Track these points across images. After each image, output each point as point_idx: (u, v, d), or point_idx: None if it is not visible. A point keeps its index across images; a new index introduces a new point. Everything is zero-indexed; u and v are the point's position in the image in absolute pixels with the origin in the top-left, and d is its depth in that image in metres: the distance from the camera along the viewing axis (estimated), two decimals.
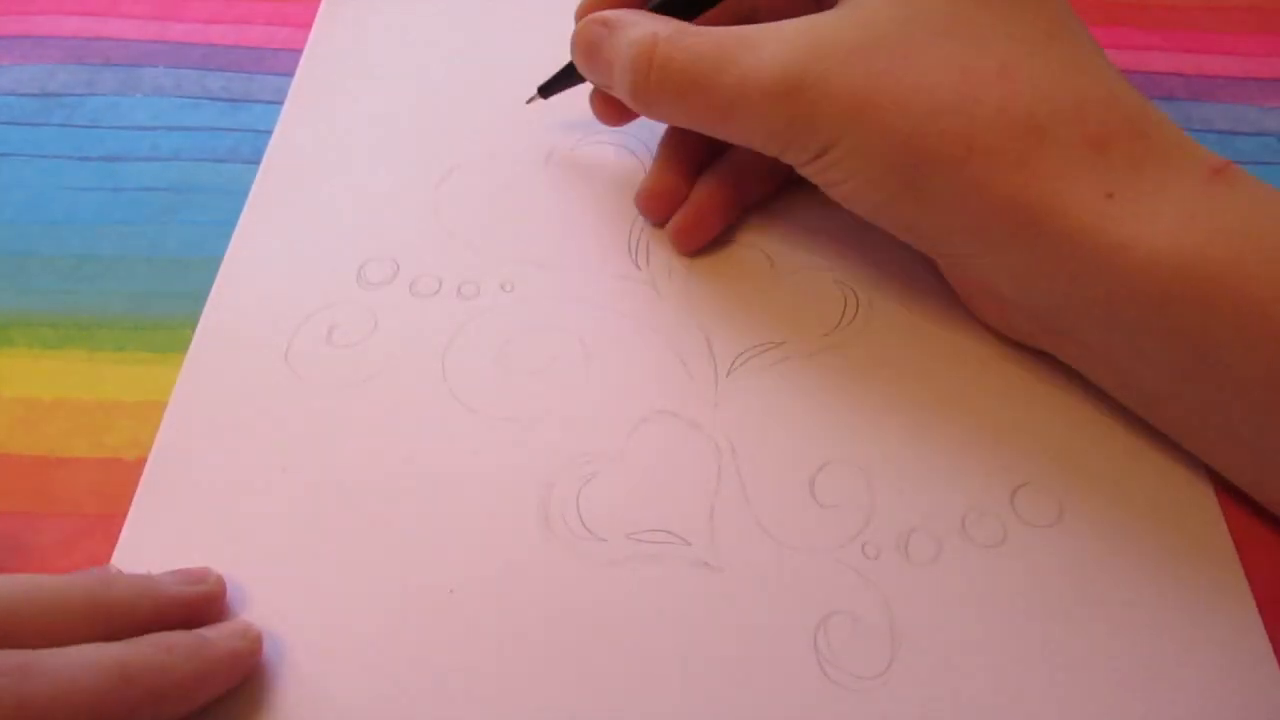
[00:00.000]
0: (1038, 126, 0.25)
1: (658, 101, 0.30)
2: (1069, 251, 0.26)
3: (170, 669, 0.22)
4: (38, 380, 0.30)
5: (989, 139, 0.26)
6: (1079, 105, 0.26)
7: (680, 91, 0.29)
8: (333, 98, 0.37)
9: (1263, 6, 0.42)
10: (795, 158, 0.28)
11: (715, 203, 0.33)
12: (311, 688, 0.25)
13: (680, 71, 0.28)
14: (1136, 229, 0.25)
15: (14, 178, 0.35)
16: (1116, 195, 0.25)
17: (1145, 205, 0.25)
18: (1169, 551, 0.27)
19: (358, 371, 0.30)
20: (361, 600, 0.26)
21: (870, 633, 0.26)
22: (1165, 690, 0.25)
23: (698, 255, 0.33)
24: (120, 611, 0.23)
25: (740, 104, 0.28)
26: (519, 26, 0.40)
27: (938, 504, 0.28)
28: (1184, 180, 0.25)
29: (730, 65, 0.27)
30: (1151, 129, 0.26)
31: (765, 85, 0.27)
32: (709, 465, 0.28)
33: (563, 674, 0.25)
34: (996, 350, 0.31)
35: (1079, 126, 0.26)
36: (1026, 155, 0.25)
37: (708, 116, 0.29)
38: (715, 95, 0.28)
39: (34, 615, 0.22)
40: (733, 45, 0.28)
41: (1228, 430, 0.26)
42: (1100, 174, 0.25)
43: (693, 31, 0.29)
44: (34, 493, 0.28)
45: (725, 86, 0.28)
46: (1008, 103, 0.26)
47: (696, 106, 0.29)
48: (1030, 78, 0.26)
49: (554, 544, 0.27)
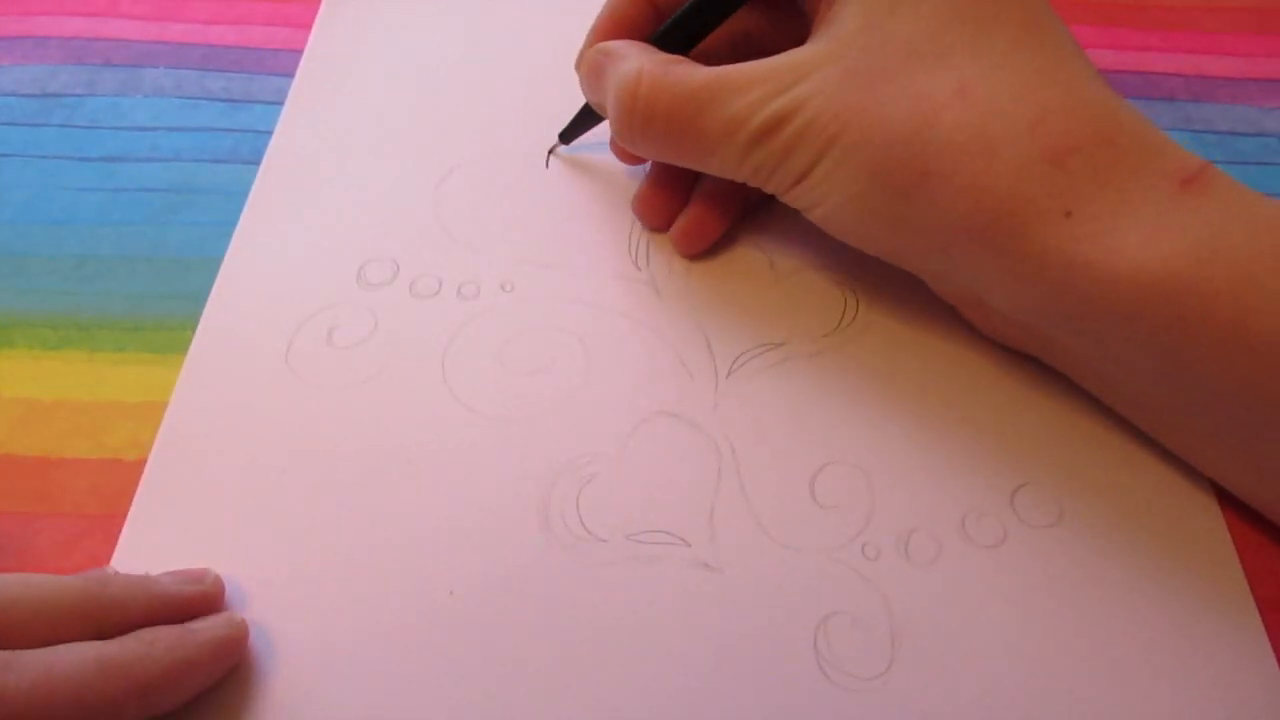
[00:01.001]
0: (989, 146, 0.25)
1: (643, 142, 0.30)
2: (1032, 269, 0.25)
3: (153, 660, 0.22)
4: (38, 381, 0.30)
5: (942, 163, 0.25)
6: (1038, 118, 0.25)
7: (665, 133, 0.29)
8: (333, 98, 0.37)
9: (1263, 6, 0.42)
10: (775, 187, 0.29)
11: (717, 206, 0.33)
12: (311, 688, 0.25)
13: (665, 115, 0.29)
14: (1097, 246, 0.25)
15: (14, 178, 0.35)
16: (1075, 213, 0.25)
17: (1105, 222, 0.25)
18: (1169, 552, 0.27)
19: (358, 372, 0.30)
20: (361, 601, 0.26)
21: (870, 633, 0.26)
22: (1165, 690, 0.25)
23: (698, 256, 0.33)
24: (113, 610, 0.23)
25: (725, 144, 0.28)
26: (519, 27, 0.40)
27: (938, 504, 0.28)
28: (1151, 192, 0.25)
29: (716, 108, 0.28)
30: (1120, 135, 0.26)
31: (752, 129, 0.28)
32: (709, 466, 0.28)
33: (562, 675, 0.25)
34: (996, 351, 0.31)
35: (1035, 141, 0.25)
36: (978, 176, 0.25)
37: (693, 156, 0.30)
38: (700, 138, 0.29)
39: (26, 615, 0.22)
40: (719, 88, 0.28)
41: (1217, 437, 0.26)
42: (1058, 190, 0.25)
43: (677, 71, 0.29)
44: (34, 493, 0.28)
45: (711, 129, 0.28)
46: (960, 123, 0.25)
47: (682, 148, 0.30)
48: (987, 95, 0.26)
49: (554, 545, 0.27)
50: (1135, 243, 0.24)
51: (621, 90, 0.29)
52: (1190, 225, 0.24)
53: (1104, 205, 0.25)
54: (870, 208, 0.27)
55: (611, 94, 0.30)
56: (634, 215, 0.34)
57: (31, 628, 0.22)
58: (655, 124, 0.29)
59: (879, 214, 0.27)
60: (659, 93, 0.29)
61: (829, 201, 0.28)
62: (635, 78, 0.29)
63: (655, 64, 0.29)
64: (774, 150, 0.28)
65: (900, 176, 0.26)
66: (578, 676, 0.25)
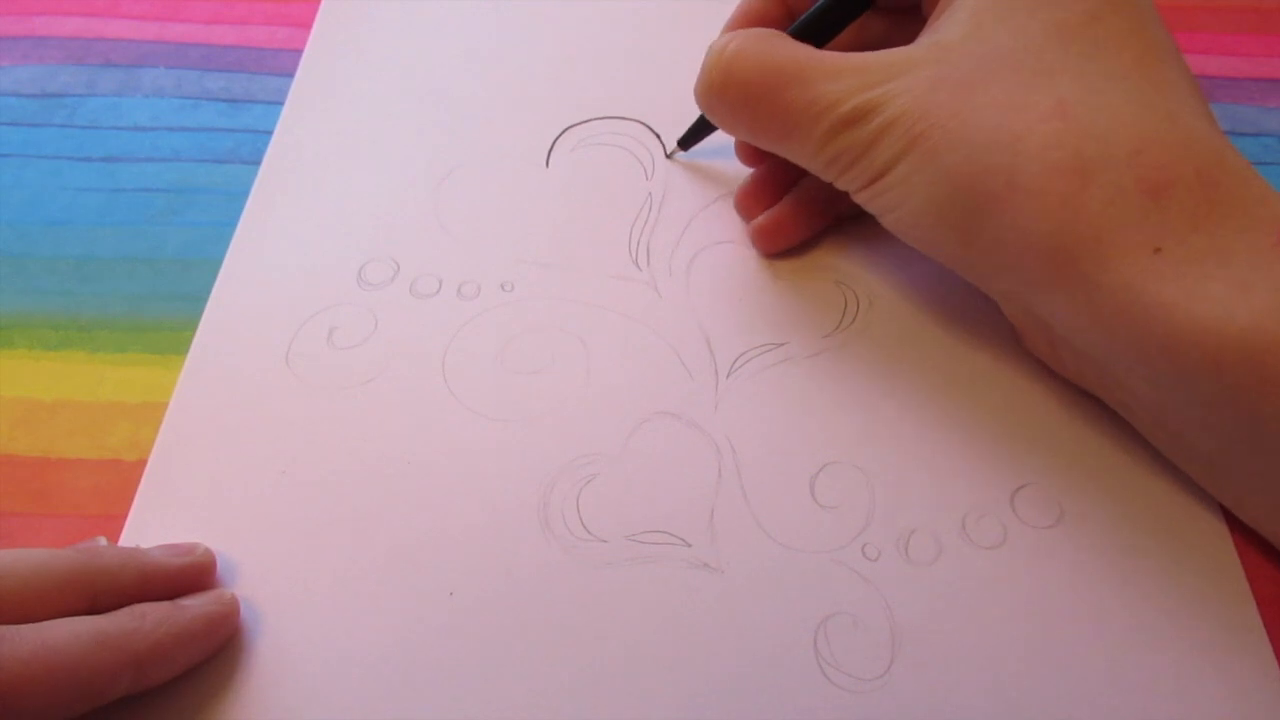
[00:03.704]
0: (1083, 167, 0.24)
1: (720, 107, 0.30)
2: (1110, 303, 0.24)
3: (144, 634, 0.23)
4: (38, 381, 0.30)
5: (1031, 178, 0.24)
6: (1139, 148, 0.24)
7: (742, 100, 0.29)
8: (333, 98, 0.37)
9: (1263, 7, 0.42)
10: (850, 184, 0.28)
11: (804, 209, 0.32)
12: (311, 689, 0.25)
13: (744, 82, 0.28)
14: (1182, 289, 0.23)
15: (14, 178, 0.35)
16: (1165, 251, 0.24)
17: (1195, 265, 0.23)
18: (1170, 552, 0.27)
19: (358, 372, 0.30)
20: (362, 601, 0.26)
21: (870, 634, 0.26)
22: (1165, 691, 0.25)
23: (698, 256, 0.33)
24: (104, 581, 0.24)
25: (806, 126, 0.28)
26: (519, 26, 0.40)
27: (938, 505, 0.28)
28: (1247, 241, 0.24)
29: (802, 87, 0.27)
30: (1223, 177, 0.24)
31: (836, 115, 0.27)
32: (709, 466, 0.28)
33: (562, 675, 0.25)
34: (997, 352, 0.31)
35: (1134, 170, 0.24)
36: (1070, 196, 0.24)
37: (769, 132, 0.29)
38: (781, 114, 0.28)
39: (16, 586, 0.23)
40: (810, 67, 0.28)
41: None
42: (1151, 225, 0.24)
43: (769, 41, 0.28)
44: (34, 493, 0.28)
45: (792, 107, 0.28)
46: (1055, 140, 0.24)
47: (759, 121, 0.29)
48: (1086, 117, 0.25)
49: (554, 545, 0.27)
50: (1223, 291, 0.23)
51: (709, 54, 0.29)
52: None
53: (1196, 247, 0.24)
54: (948, 214, 0.26)
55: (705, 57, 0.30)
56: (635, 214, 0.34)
57: (23, 599, 0.22)
58: (732, 89, 0.29)
59: (956, 222, 0.26)
60: (743, 58, 0.28)
61: (907, 205, 0.27)
62: (724, 41, 0.29)
63: (750, 33, 0.29)
64: (856, 141, 0.27)
65: (984, 185, 0.25)
66: (578, 677, 0.25)
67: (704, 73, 0.29)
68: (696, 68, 0.30)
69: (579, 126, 0.36)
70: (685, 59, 0.32)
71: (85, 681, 0.22)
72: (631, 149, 0.36)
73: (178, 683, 0.24)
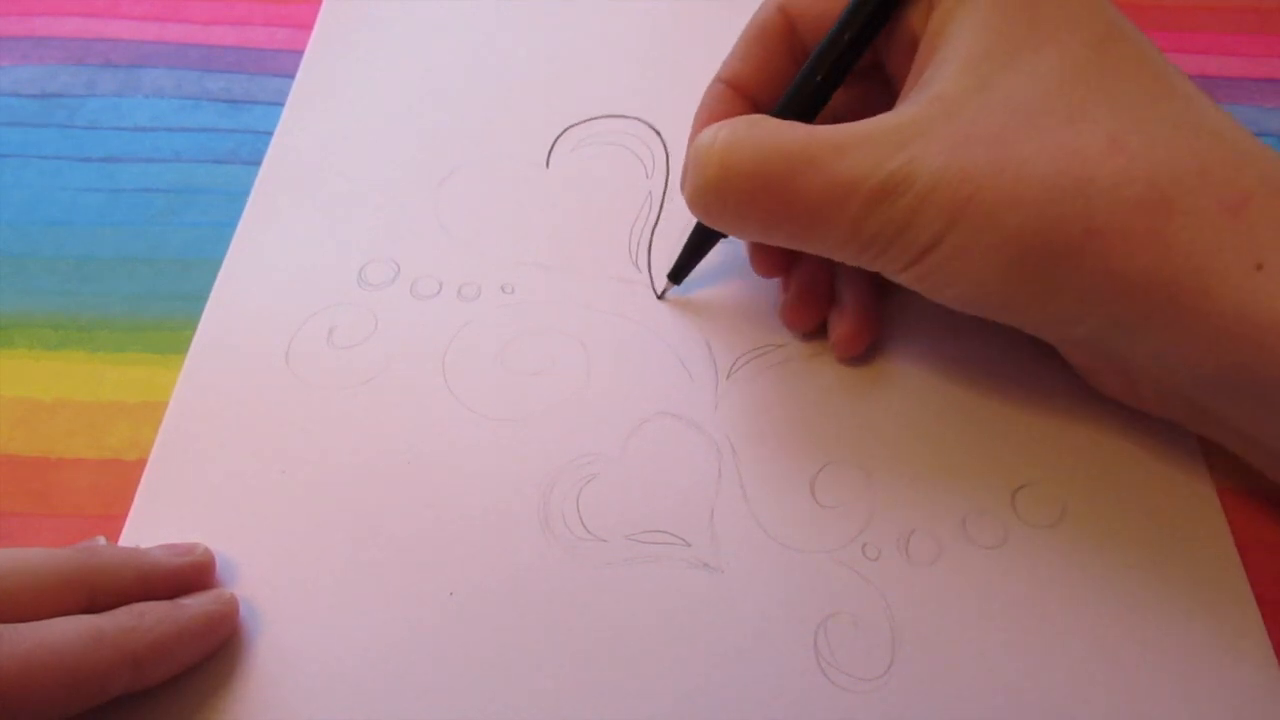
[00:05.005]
0: (1164, 197, 0.23)
1: (721, 209, 0.27)
2: (1215, 331, 0.23)
3: (143, 632, 0.23)
4: (38, 381, 0.30)
5: (1110, 219, 0.23)
6: (1202, 168, 0.23)
7: (750, 196, 0.26)
8: (333, 99, 0.37)
9: (1263, 7, 0.42)
10: (889, 264, 0.26)
11: (874, 304, 0.30)
12: (311, 688, 0.25)
13: (750, 174, 0.25)
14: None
15: (14, 178, 0.35)
16: (1267, 265, 0.23)
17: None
18: (1170, 552, 0.27)
19: (358, 372, 0.30)
20: (362, 601, 0.26)
21: (870, 634, 0.26)
22: (1166, 690, 0.25)
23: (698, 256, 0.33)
24: (103, 581, 0.24)
25: (832, 213, 0.25)
26: (520, 27, 0.40)
27: (938, 505, 0.28)
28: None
29: (814, 168, 0.25)
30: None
31: (865, 193, 0.24)
32: (709, 466, 0.28)
33: (562, 675, 0.25)
34: (997, 351, 0.31)
35: (1209, 192, 0.23)
36: (1158, 230, 0.23)
37: (788, 227, 0.26)
38: (799, 204, 0.25)
39: (15, 586, 0.23)
40: (814, 145, 0.25)
41: None
42: (1244, 242, 0.23)
43: (763, 125, 0.26)
44: (34, 493, 0.28)
45: (810, 194, 0.25)
46: (1124, 177, 0.23)
47: (774, 216, 0.26)
48: (1143, 147, 0.23)
49: (554, 545, 0.27)
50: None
51: (695, 150, 0.26)
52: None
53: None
54: (1019, 276, 0.24)
55: (687, 156, 0.27)
56: (635, 216, 0.34)
57: (22, 598, 0.23)
58: (733, 185, 0.26)
59: (1029, 282, 0.25)
60: (739, 148, 0.25)
61: (968, 276, 0.25)
62: (710, 134, 0.26)
63: (736, 120, 0.26)
64: (891, 219, 0.25)
65: (1058, 238, 0.24)
66: (578, 676, 0.25)
67: (695, 171, 0.26)
68: (697, 67, 0.30)
69: (579, 126, 0.36)
70: (685, 58, 0.32)
71: (83, 680, 0.22)
72: (632, 147, 0.36)
73: (177, 682, 0.24)
